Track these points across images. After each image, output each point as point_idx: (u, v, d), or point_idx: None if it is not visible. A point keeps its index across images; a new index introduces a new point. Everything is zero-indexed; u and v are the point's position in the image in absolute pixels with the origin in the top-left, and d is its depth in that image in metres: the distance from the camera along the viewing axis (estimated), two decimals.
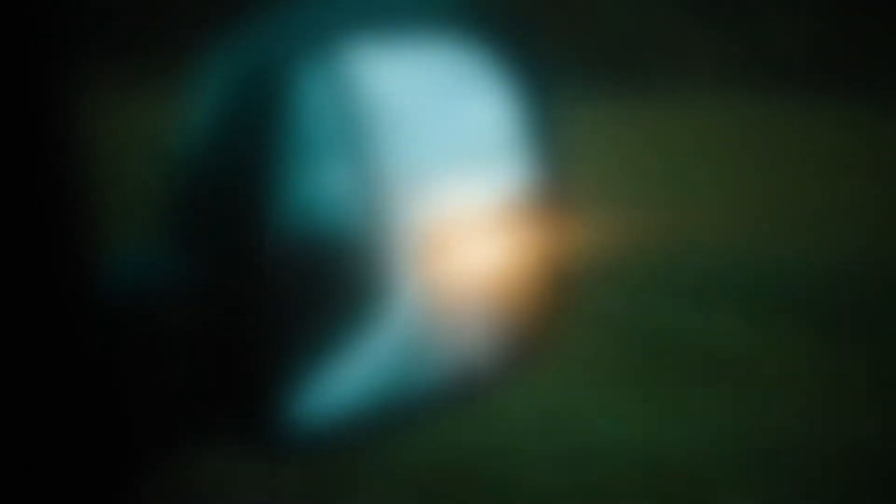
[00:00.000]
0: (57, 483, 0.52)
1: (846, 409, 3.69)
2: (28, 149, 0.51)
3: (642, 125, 8.25)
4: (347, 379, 0.62)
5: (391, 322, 0.62)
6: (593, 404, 3.76)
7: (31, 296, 0.51)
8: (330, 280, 0.60)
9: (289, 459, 0.66)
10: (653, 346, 4.33)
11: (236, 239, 0.58)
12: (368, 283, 0.61)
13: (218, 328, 0.59)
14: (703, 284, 5.09)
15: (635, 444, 3.48)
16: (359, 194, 0.61)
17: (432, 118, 0.65)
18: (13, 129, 0.51)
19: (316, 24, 0.62)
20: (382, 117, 0.62)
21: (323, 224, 0.60)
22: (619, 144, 7.34)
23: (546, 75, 0.70)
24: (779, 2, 10.53)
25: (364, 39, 0.62)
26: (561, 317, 0.70)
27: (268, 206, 0.58)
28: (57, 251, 0.52)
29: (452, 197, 0.65)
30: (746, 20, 10.46)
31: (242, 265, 0.58)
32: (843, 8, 10.40)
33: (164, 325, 0.58)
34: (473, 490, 3.13)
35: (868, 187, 6.51)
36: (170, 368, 0.59)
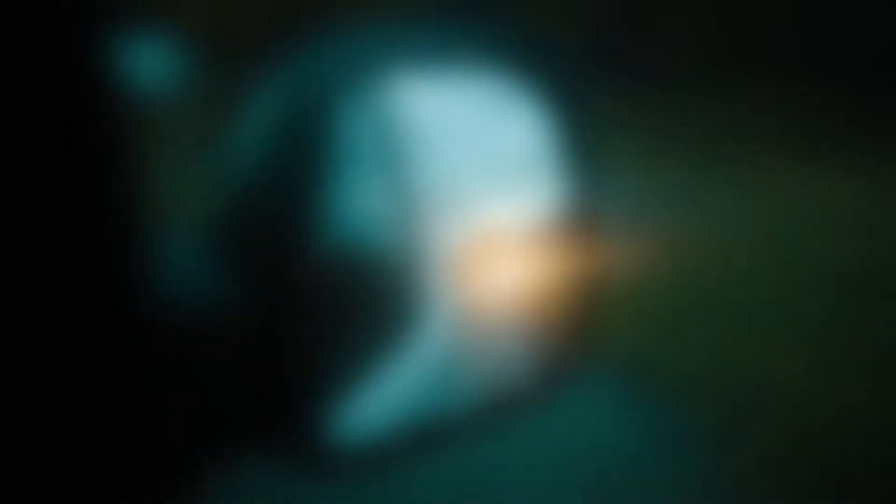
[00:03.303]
0: (94, 493, 0.53)
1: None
2: (79, 163, 0.52)
3: (677, 148, 8.20)
4: (385, 396, 0.63)
5: (428, 339, 0.63)
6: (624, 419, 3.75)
7: (78, 308, 0.52)
8: (369, 298, 0.61)
9: (325, 475, 0.67)
10: (684, 365, 4.30)
11: (279, 257, 0.59)
12: (406, 301, 0.62)
13: (258, 344, 0.59)
14: (735, 308, 5.05)
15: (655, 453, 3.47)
16: (397, 216, 0.61)
17: (469, 142, 0.66)
18: (64, 143, 0.52)
19: (357, 54, 0.63)
20: (420, 141, 0.63)
21: (363, 244, 0.61)
22: (652, 165, 7.30)
23: (579, 100, 0.71)
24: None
25: (403, 67, 0.63)
26: (592, 335, 0.71)
27: (310, 226, 0.59)
28: (104, 265, 0.53)
29: (488, 218, 0.66)
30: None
31: (284, 283, 0.59)
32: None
33: (206, 340, 0.59)
34: None
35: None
36: (210, 384, 0.59)
